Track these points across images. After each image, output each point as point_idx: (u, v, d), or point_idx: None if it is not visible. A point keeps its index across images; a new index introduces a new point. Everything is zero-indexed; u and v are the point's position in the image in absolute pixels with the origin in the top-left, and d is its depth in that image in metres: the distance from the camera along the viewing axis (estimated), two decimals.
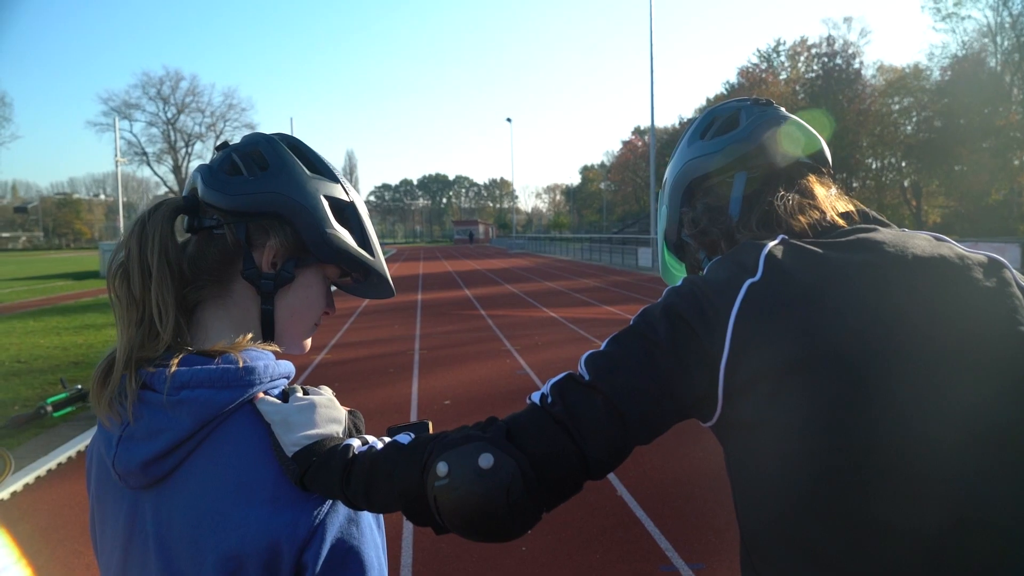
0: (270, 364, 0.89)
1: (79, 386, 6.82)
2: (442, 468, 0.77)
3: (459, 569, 3.48)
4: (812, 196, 1.02)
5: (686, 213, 1.13)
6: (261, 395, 0.86)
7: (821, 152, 1.10)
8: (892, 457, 0.76)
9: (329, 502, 0.84)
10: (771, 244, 0.89)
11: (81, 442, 5.68)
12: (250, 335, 0.91)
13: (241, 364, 0.85)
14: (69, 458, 5.34)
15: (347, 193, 0.98)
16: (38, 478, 4.91)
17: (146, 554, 0.84)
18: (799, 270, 0.85)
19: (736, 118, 1.10)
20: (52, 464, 5.15)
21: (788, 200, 1.00)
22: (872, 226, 0.95)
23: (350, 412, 0.93)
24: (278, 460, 0.84)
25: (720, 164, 1.07)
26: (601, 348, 0.88)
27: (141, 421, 0.83)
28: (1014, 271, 0.88)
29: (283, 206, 0.90)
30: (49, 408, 6.22)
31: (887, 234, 0.91)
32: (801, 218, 0.99)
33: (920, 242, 0.89)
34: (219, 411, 0.83)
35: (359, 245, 0.97)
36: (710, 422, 0.88)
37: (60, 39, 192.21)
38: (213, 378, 0.83)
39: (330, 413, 0.89)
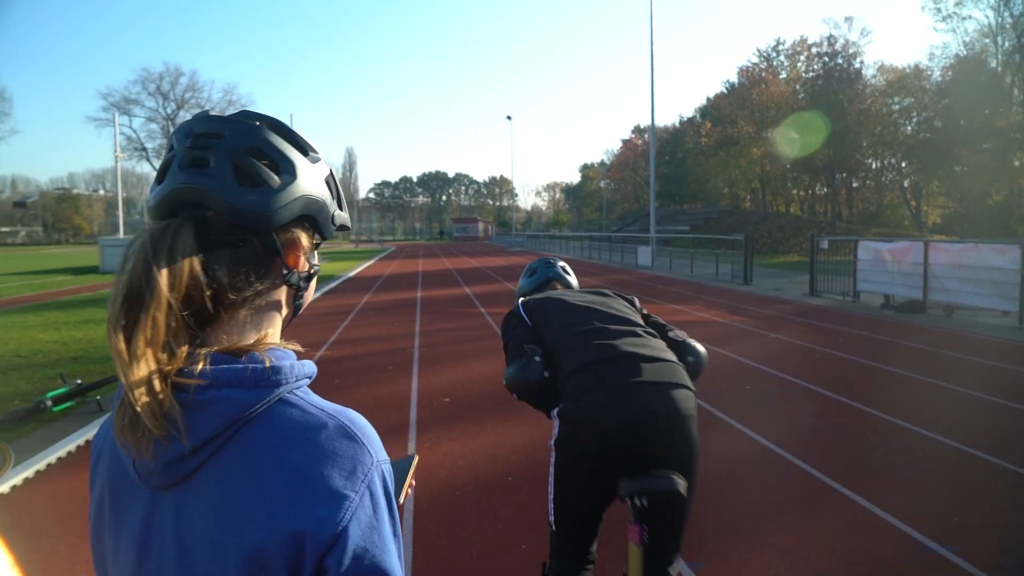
0: (295, 364, 0.87)
1: (79, 380, 6.83)
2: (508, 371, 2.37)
3: (459, 568, 3.50)
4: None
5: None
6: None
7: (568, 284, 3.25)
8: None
9: (352, 507, 0.81)
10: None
11: (81, 436, 5.69)
12: (272, 331, 0.91)
13: (268, 363, 0.82)
14: (69, 452, 5.35)
15: (324, 161, 0.96)
16: (38, 472, 4.92)
17: (163, 556, 0.82)
18: (541, 295, 2.69)
19: (535, 269, 3.26)
20: (52, 458, 5.17)
21: None
22: None
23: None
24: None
25: (528, 288, 3.21)
26: (504, 337, 2.55)
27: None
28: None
29: (305, 207, 0.90)
30: (49, 403, 6.23)
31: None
32: None
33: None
34: (246, 411, 0.81)
35: (341, 209, 0.98)
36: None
37: (59, 34, 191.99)
38: (241, 377, 0.81)
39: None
